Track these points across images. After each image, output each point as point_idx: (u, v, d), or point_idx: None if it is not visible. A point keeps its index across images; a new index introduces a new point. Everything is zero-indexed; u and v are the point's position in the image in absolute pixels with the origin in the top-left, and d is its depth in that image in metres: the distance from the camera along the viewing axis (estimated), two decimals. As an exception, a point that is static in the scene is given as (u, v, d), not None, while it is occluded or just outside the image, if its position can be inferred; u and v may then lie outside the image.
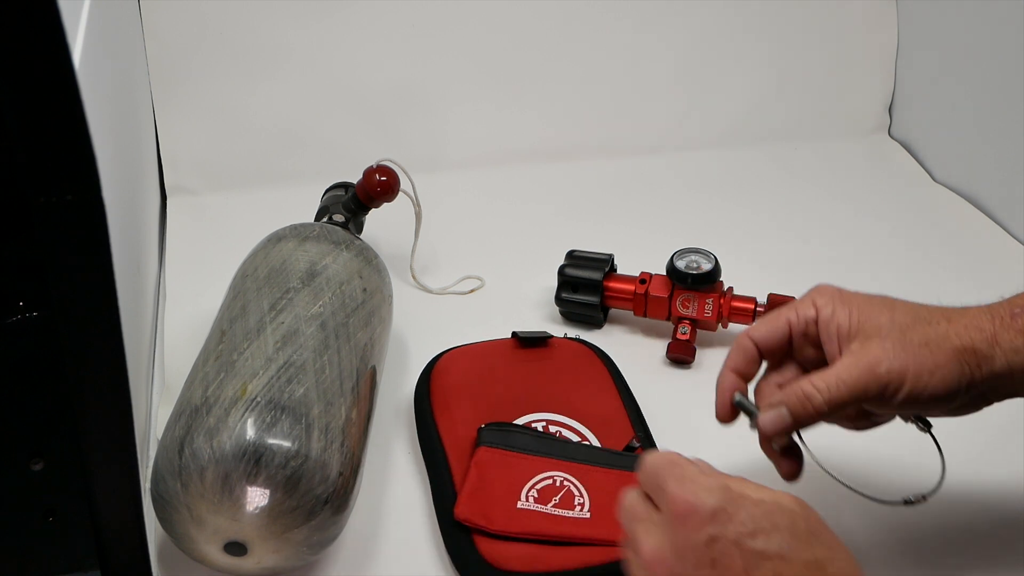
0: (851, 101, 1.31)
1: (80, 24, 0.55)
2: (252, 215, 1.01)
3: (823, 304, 0.67)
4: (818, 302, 0.67)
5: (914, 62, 1.28)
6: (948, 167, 1.22)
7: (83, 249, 0.50)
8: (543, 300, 0.98)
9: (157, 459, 0.65)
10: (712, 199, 1.18)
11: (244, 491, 0.62)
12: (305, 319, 0.73)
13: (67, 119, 0.47)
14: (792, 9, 1.27)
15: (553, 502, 0.72)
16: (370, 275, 0.82)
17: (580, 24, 1.23)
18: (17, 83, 0.45)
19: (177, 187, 1.14)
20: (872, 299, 0.67)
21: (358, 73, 1.18)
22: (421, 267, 1.01)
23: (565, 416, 0.81)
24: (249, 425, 0.63)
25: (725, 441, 0.83)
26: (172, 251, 1.05)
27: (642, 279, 0.93)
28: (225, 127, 1.16)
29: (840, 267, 1.06)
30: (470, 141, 1.21)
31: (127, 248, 0.66)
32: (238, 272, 0.82)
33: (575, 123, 1.24)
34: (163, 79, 1.13)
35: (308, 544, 0.65)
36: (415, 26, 1.19)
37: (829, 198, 1.19)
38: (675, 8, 1.24)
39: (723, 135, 1.27)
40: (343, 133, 1.18)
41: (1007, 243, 1.10)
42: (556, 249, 0.97)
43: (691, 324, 0.91)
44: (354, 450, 0.69)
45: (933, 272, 1.05)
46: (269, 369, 0.68)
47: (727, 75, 1.27)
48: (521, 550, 0.69)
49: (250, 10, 1.14)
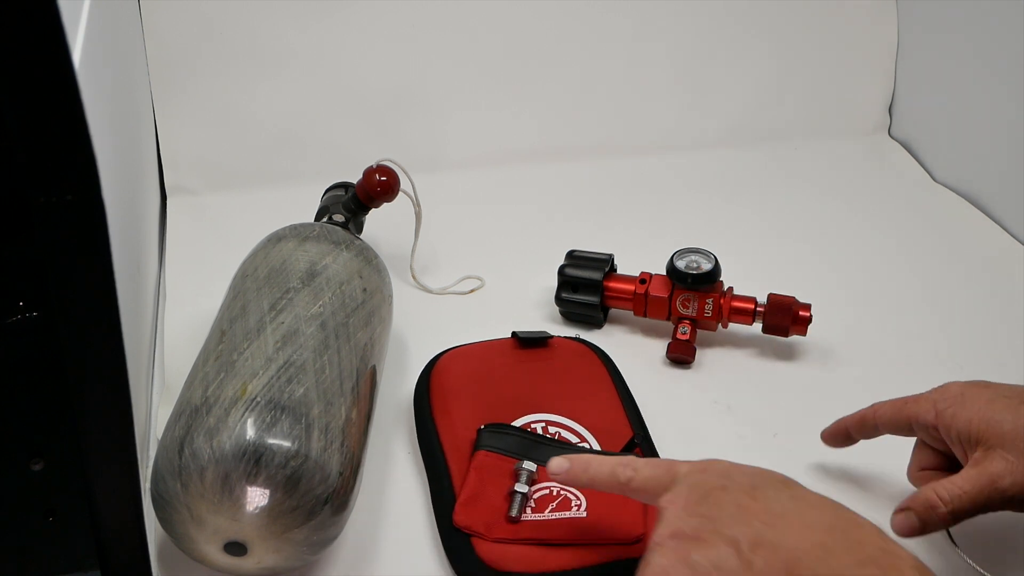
0: (851, 101, 1.31)
1: (80, 24, 0.55)
2: (252, 215, 1.01)
3: (943, 408, 0.68)
4: (939, 406, 0.69)
5: (914, 62, 1.28)
6: (948, 167, 1.22)
7: (83, 249, 0.50)
8: (543, 300, 0.98)
9: (157, 459, 0.65)
10: (712, 199, 1.18)
11: (244, 491, 0.62)
12: (305, 319, 0.73)
13: (67, 119, 0.46)
14: (792, 9, 1.27)
15: (550, 508, 0.72)
16: (370, 275, 0.82)
17: (580, 24, 1.23)
18: (17, 83, 0.45)
19: (177, 187, 1.14)
20: (995, 401, 0.67)
21: (358, 73, 1.18)
22: (421, 267, 1.01)
23: (564, 417, 0.81)
24: (249, 425, 0.63)
25: (725, 441, 0.83)
26: (172, 251, 1.05)
27: (642, 279, 0.93)
28: (225, 127, 1.16)
29: (840, 267, 1.06)
30: (470, 141, 1.21)
31: (127, 248, 0.66)
32: (238, 272, 0.82)
33: (575, 123, 1.24)
34: (163, 79, 1.13)
35: (308, 544, 0.65)
36: (415, 26, 1.18)
37: (829, 198, 1.19)
38: (675, 8, 1.24)
39: (723, 135, 1.27)
40: (343, 133, 1.18)
41: (1007, 243, 1.10)
42: (556, 249, 0.97)
43: (691, 324, 0.91)
44: (354, 450, 0.69)
45: (933, 272, 1.05)
46: (269, 369, 0.68)
47: (727, 75, 1.27)
48: (519, 552, 0.69)
49: (250, 10, 1.14)
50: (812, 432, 0.83)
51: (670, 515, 0.58)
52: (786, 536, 0.54)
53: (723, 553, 0.54)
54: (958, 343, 0.94)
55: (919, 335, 0.95)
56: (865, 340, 0.94)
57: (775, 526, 0.55)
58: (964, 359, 0.92)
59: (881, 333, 0.96)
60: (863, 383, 0.87)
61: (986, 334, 0.96)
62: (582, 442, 0.79)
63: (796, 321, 0.89)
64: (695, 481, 0.60)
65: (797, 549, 0.53)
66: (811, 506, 0.56)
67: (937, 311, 0.99)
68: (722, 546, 0.54)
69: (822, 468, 0.80)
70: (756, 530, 0.54)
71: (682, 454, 0.79)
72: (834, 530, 0.54)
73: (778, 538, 0.54)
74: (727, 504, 0.57)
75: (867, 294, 1.01)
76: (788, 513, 0.56)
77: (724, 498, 0.57)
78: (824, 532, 0.54)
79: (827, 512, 0.56)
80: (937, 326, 0.97)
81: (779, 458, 0.81)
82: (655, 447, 0.79)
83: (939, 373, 0.91)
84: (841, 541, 0.53)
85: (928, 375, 0.91)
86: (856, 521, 0.55)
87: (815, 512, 0.56)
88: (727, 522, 0.56)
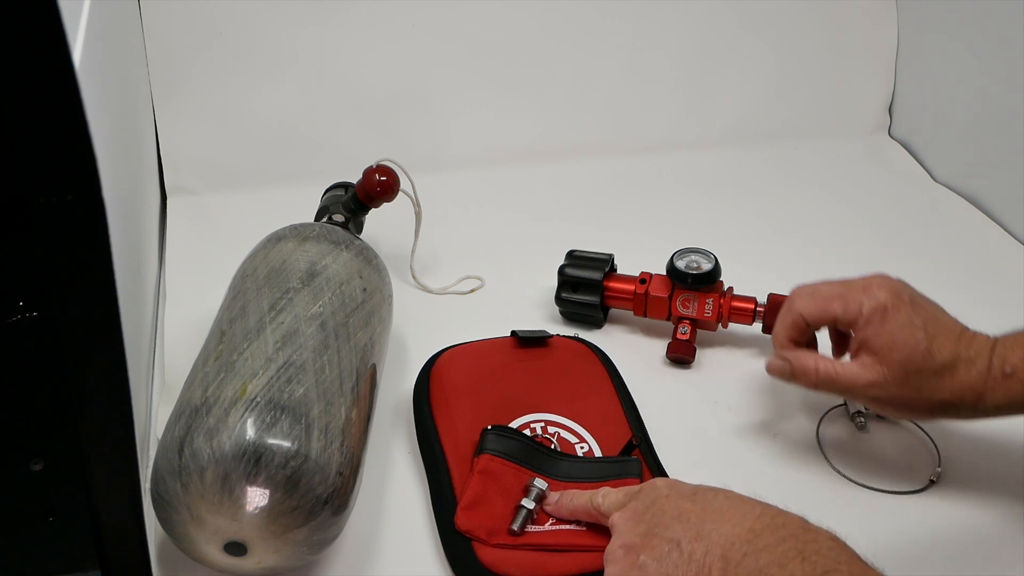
0: (851, 101, 1.31)
1: (80, 24, 0.55)
2: (252, 215, 1.01)
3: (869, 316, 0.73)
4: (865, 313, 0.73)
5: (914, 62, 1.28)
6: (948, 167, 1.22)
7: (83, 249, 0.50)
8: (543, 300, 0.98)
9: (157, 459, 0.65)
10: (712, 199, 1.18)
11: (244, 491, 0.62)
12: (305, 319, 0.73)
13: (67, 119, 0.46)
14: (792, 9, 1.27)
15: (550, 521, 0.72)
16: (370, 275, 0.82)
17: (581, 24, 1.23)
18: (17, 83, 0.45)
19: (177, 187, 1.14)
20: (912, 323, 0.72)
21: (358, 73, 1.18)
22: (421, 267, 1.01)
23: (563, 416, 0.80)
24: (249, 425, 0.63)
25: (725, 441, 0.83)
26: (172, 251, 1.05)
27: (642, 279, 0.93)
28: (225, 127, 1.16)
29: (840, 267, 1.06)
30: (470, 141, 1.21)
31: (127, 248, 0.66)
32: (238, 272, 0.81)
33: (575, 123, 1.24)
34: (163, 79, 1.13)
35: (308, 544, 0.65)
36: (415, 26, 1.18)
37: (829, 198, 1.19)
38: (675, 8, 1.24)
39: (723, 135, 1.27)
40: (343, 133, 1.18)
41: (1007, 243, 1.10)
42: (556, 249, 0.97)
43: (691, 324, 0.91)
44: (354, 450, 0.69)
45: (933, 272, 1.05)
46: (269, 369, 0.68)
47: (727, 75, 1.27)
48: (520, 557, 0.69)
49: (250, 10, 1.14)
50: (812, 431, 0.84)
51: (620, 528, 0.65)
52: (720, 527, 0.61)
53: (666, 550, 0.61)
54: (958, 343, 0.94)
55: (919, 335, 0.95)
56: (865, 340, 0.94)
57: (711, 521, 0.62)
58: (964, 359, 0.92)
59: (881, 333, 0.95)
60: (863, 383, 0.87)
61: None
62: (581, 442, 0.79)
63: (796, 321, 0.89)
64: (643, 495, 0.66)
65: (730, 535, 0.60)
66: (743, 502, 0.63)
67: (937, 311, 0.99)
68: (664, 545, 0.62)
69: (822, 468, 0.80)
70: (694, 526, 0.62)
71: (682, 454, 0.79)
72: (762, 517, 0.61)
73: (713, 530, 0.61)
74: (669, 509, 0.64)
75: (867, 294, 1.01)
76: (722, 509, 0.62)
77: (666, 505, 0.64)
78: (753, 520, 0.61)
79: (756, 506, 0.62)
80: (937, 326, 0.97)
81: (779, 458, 0.82)
82: (654, 447, 0.79)
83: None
84: (767, 526, 0.60)
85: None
86: (781, 512, 0.61)
87: (746, 506, 0.62)
88: (669, 524, 0.63)
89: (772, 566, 0.57)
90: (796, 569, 0.56)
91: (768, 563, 0.57)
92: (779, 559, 0.57)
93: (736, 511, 0.62)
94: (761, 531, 0.59)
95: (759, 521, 0.60)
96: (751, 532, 0.60)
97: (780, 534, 0.59)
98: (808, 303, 0.77)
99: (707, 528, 0.61)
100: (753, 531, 0.60)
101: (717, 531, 0.61)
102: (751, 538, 0.59)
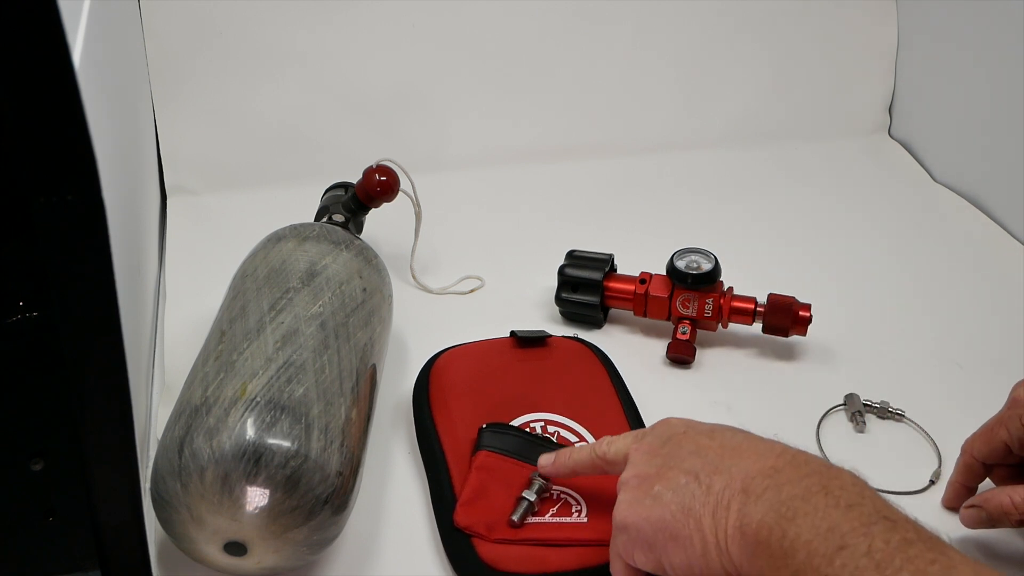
0: (851, 101, 1.31)
1: (80, 24, 0.55)
2: (252, 215, 1.01)
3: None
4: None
5: (914, 62, 1.28)
6: (948, 167, 1.22)
7: (83, 249, 0.50)
8: (543, 300, 0.98)
9: (157, 459, 0.65)
10: (712, 199, 1.18)
11: (244, 491, 0.62)
12: (305, 319, 0.73)
13: (67, 119, 0.46)
14: (792, 9, 1.27)
15: (551, 513, 0.72)
16: (370, 275, 0.82)
17: (580, 24, 1.23)
18: (17, 83, 0.45)
19: (177, 187, 1.14)
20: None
21: (358, 73, 1.18)
22: (421, 267, 1.01)
23: (563, 416, 0.81)
24: (249, 425, 0.63)
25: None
26: (172, 251, 1.05)
27: (642, 279, 0.93)
28: (225, 127, 1.16)
29: (840, 267, 1.06)
30: (470, 141, 1.21)
31: (127, 248, 0.66)
32: (238, 272, 0.81)
33: (575, 123, 1.24)
34: (163, 79, 1.13)
35: (308, 544, 0.65)
36: (415, 26, 1.18)
37: (829, 198, 1.19)
38: (675, 8, 1.24)
39: (723, 135, 1.27)
40: (343, 133, 1.18)
41: (1007, 243, 1.10)
42: (556, 249, 0.97)
43: (691, 324, 0.91)
44: (354, 450, 0.69)
45: (933, 272, 1.05)
46: (269, 369, 0.68)
47: (727, 75, 1.27)
48: (519, 552, 0.69)
49: (250, 10, 1.14)
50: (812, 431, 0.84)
51: (635, 459, 0.65)
52: (740, 463, 0.60)
53: (683, 481, 0.61)
54: (958, 343, 0.94)
55: (919, 335, 0.95)
56: (865, 340, 0.94)
57: (730, 456, 0.61)
58: (964, 359, 0.92)
59: (881, 333, 0.95)
60: (863, 383, 0.87)
61: (986, 334, 0.96)
62: (581, 442, 0.79)
63: (796, 321, 0.89)
64: (659, 431, 0.66)
65: (751, 470, 0.59)
66: (762, 441, 0.62)
67: (937, 311, 0.99)
68: (682, 477, 0.61)
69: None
70: (712, 461, 0.61)
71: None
72: (783, 455, 0.60)
73: (733, 464, 0.60)
74: (686, 444, 0.63)
75: (867, 294, 1.01)
76: (741, 446, 0.62)
77: (684, 440, 0.63)
78: (774, 457, 0.60)
79: (777, 446, 0.61)
80: (937, 326, 0.97)
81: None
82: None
83: (939, 373, 0.91)
84: (789, 462, 0.59)
85: (928, 375, 0.91)
86: (802, 451, 0.61)
87: (766, 444, 0.61)
88: (686, 458, 0.62)
89: (795, 499, 0.56)
90: (819, 502, 0.55)
91: (790, 496, 0.56)
92: (802, 493, 0.56)
93: (756, 449, 0.61)
94: (783, 467, 0.59)
95: (780, 458, 0.59)
96: (772, 468, 0.59)
97: (803, 471, 0.58)
98: (973, 443, 0.73)
99: (726, 463, 0.60)
100: (775, 467, 0.59)
101: (737, 466, 0.60)
102: (772, 473, 0.58)
